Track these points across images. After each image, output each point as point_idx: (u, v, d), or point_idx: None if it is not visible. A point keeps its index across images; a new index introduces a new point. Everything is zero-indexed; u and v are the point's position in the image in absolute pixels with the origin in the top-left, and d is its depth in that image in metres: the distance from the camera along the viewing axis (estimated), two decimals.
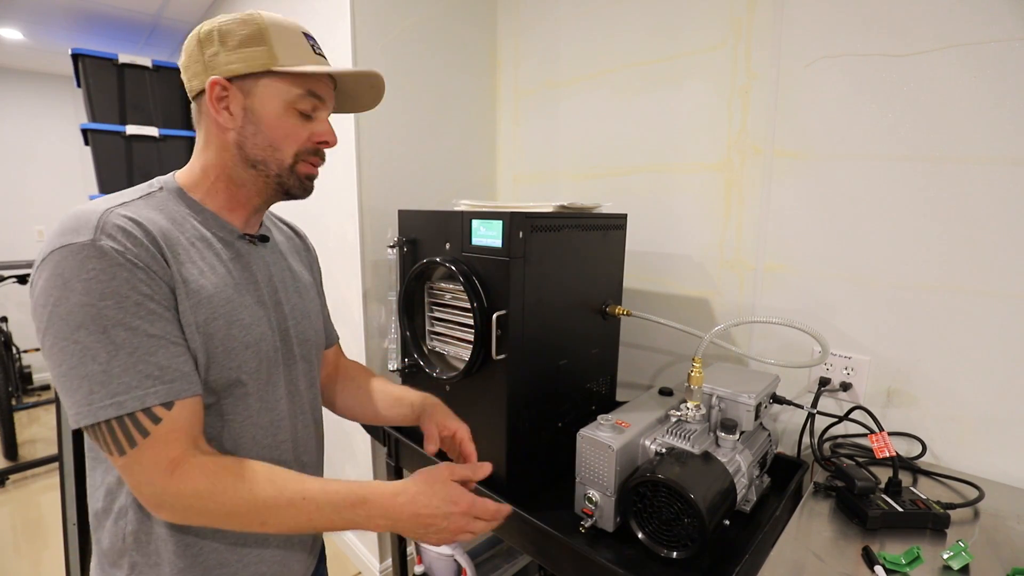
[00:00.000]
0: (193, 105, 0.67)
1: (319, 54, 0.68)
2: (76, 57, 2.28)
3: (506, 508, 0.68)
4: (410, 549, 1.56)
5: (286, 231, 0.86)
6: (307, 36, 0.67)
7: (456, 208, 1.06)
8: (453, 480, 0.66)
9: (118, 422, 0.53)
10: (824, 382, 1.13)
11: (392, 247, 1.16)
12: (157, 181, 0.67)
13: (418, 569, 1.45)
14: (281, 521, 0.58)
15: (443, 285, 1.06)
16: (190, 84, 0.65)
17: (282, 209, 0.83)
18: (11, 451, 2.72)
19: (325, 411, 0.87)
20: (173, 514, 0.57)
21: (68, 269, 0.52)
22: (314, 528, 0.59)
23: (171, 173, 0.69)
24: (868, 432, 1.01)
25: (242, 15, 0.64)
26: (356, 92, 0.74)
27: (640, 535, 0.83)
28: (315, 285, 0.85)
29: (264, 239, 0.75)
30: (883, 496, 0.83)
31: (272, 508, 0.57)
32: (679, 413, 0.92)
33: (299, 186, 0.70)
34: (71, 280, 0.52)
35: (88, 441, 0.63)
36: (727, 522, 0.83)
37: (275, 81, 0.64)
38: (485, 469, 0.72)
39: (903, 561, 0.70)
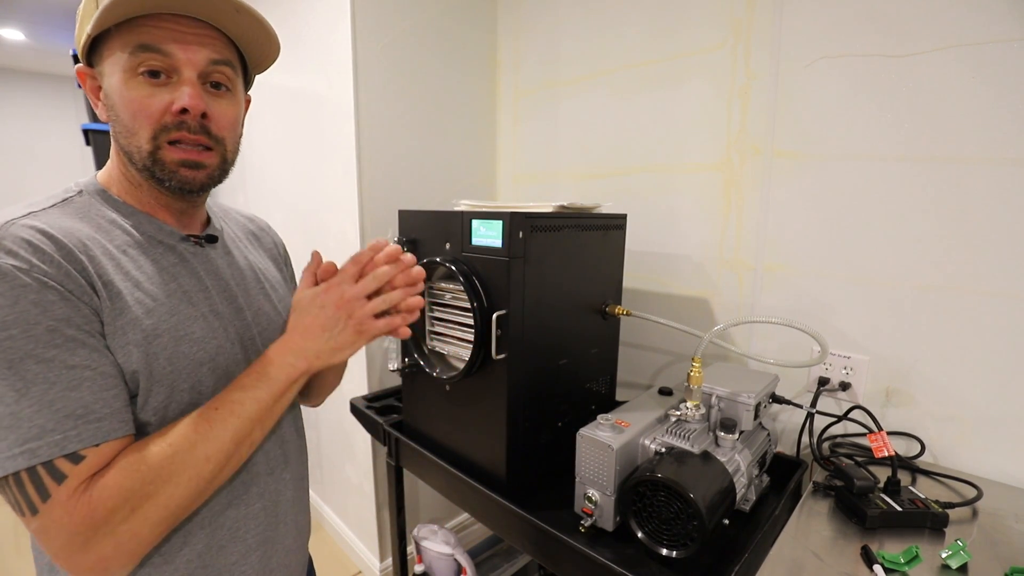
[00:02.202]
0: None
1: None
2: (77, 57, 2.28)
3: (382, 245, 0.61)
4: (410, 549, 1.56)
5: (245, 224, 0.78)
6: None
7: (456, 208, 1.06)
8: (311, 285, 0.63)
9: (29, 474, 0.44)
10: (823, 382, 1.13)
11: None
12: (76, 184, 0.58)
13: (418, 568, 1.46)
14: (220, 441, 0.53)
15: (443, 285, 1.06)
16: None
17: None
18: None
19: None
20: (117, 542, 0.47)
21: None
22: (254, 422, 0.56)
23: (93, 174, 0.61)
24: (867, 432, 1.01)
25: None
26: (247, 36, 0.59)
27: (640, 534, 0.83)
28: (286, 281, 0.79)
29: (212, 239, 0.66)
30: (882, 495, 0.84)
31: (200, 441, 0.52)
32: (679, 413, 0.92)
33: (172, 178, 0.56)
34: None
35: None
36: (726, 521, 0.83)
37: (111, 48, 0.53)
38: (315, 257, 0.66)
39: (902, 560, 0.71)
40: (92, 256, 0.51)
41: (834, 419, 1.09)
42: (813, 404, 1.09)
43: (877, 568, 0.69)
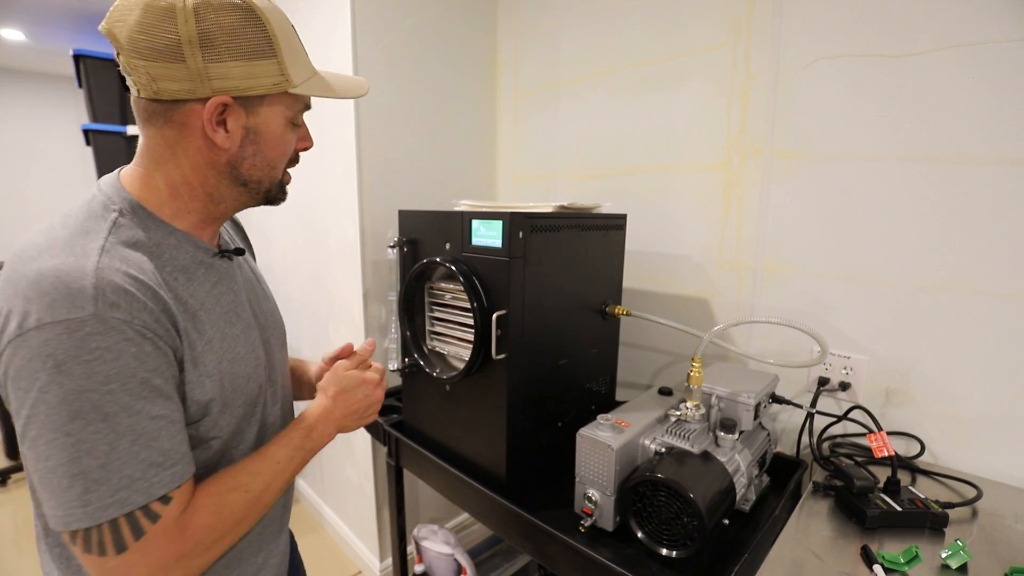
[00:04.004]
0: (152, 105, 0.54)
1: (304, 48, 0.62)
2: (77, 58, 2.28)
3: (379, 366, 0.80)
4: (410, 548, 1.56)
5: (230, 221, 0.79)
6: (293, 26, 0.59)
7: (456, 208, 1.06)
8: (349, 370, 0.75)
9: (127, 518, 0.48)
10: (823, 382, 1.13)
11: (392, 247, 1.16)
12: (107, 207, 0.54)
13: (418, 568, 1.46)
14: (275, 491, 0.62)
15: (443, 285, 1.06)
16: (158, 84, 0.51)
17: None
18: (13, 450, 2.73)
19: None
20: (191, 571, 0.54)
21: (62, 350, 0.44)
22: (295, 475, 0.65)
23: (112, 186, 0.56)
24: (867, 431, 1.01)
25: (235, 1, 0.52)
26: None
27: (640, 534, 0.83)
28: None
29: (240, 252, 0.68)
30: (882, 495, 0.84)
31: (265, 491, 0.60)
32: (678, 413, 0.92)
33: (282, 195, 0.66)
34: (66, 363, 0.44)
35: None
36: (726, 521, 0.83)
37: (283, 100, 0.58)
38: (368, 345, 0.81)
39: (902, 560, 0.71)
40: (170, 291, 0.54)
41: (834, 419, 1.09)
42: (813, 404, 1.09)
43: (877, 568, 0.69)
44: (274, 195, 0.65)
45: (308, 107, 0.64)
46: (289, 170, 0.66)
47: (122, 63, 0.52)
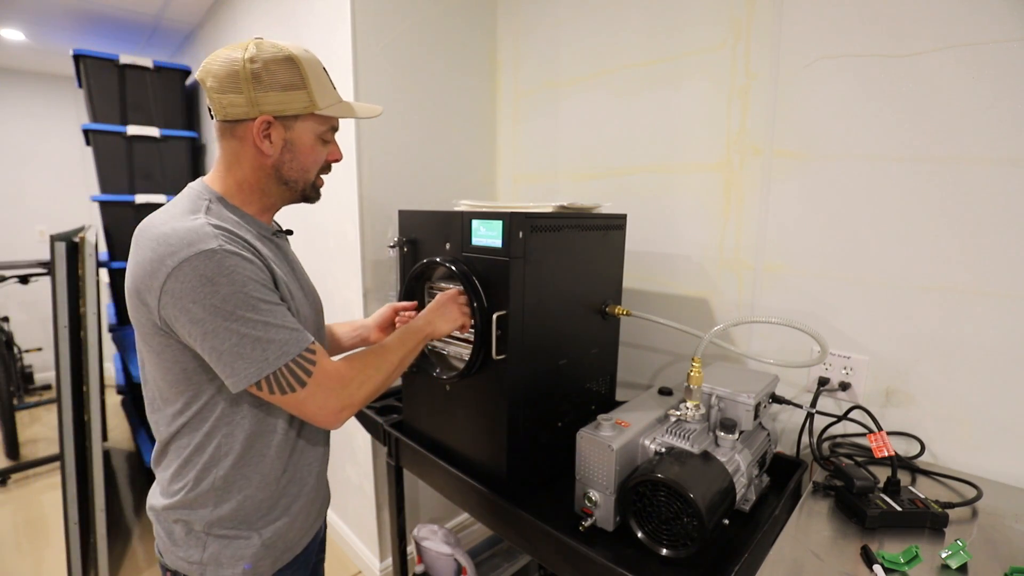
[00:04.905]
0: (223, 125, 0.76)
1: (333, 84, 0.82)
2: (77, 58, 2.28)
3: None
4: (410, 549, 1.56)
5: None
6: (324, 68, 0.80)
7: (456, 208, 1.06)
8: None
9: (293, 362, 0.69)
10: (823, 382, 1.13)
11: (392, 247, 1.16)
12: (200, 196, 0.75)
13: (418, 569, 1.46)
14: (393, 355, 0.83)
15: (443, 285, 1.06)
16: (226, 110, 0.74)
17: (287, 208, 0.87)
18: (13, 450, 2.73)
19: None
20: (352, 405, 0.75)
21: (209, 269, 0.65)
22: (409, 352, 0.87)
23: (200, 184, 0.79)
24: (867, 431, 1.01)
25: (280, 53, 0.73)
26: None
27: (640, 534, 0.83)
28: None
29: (290, 232, 0.90)
30: (882, 495, 0.84)
31: (385, 352, 0.83)
32: (678, 413, 0.92)
33: (316, 195, 0.86)
34: (215, 276, 0.65)
35: (168, 417, 0.75)
36: (726, 521, 0.83)
37: (311, 119, 0.78)
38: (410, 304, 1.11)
39: (902, 560, 0.71)
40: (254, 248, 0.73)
41: (834, 419, 1.09)
42: (813, 404, 1.10)
43: (877, 568, 0.69)
44: (309, 193, 0.84)
45: (336, 128, 0.83)
46: (322, 176, 0.85)
47: (208, 99, 0.75)
